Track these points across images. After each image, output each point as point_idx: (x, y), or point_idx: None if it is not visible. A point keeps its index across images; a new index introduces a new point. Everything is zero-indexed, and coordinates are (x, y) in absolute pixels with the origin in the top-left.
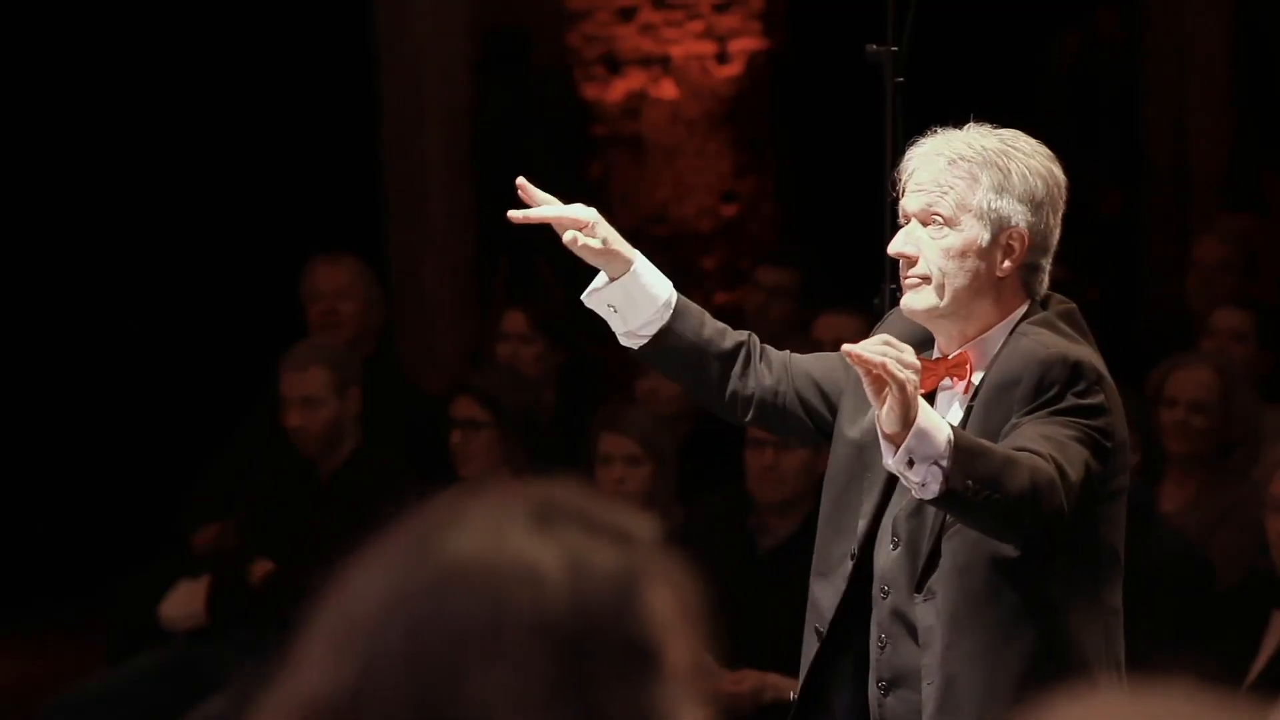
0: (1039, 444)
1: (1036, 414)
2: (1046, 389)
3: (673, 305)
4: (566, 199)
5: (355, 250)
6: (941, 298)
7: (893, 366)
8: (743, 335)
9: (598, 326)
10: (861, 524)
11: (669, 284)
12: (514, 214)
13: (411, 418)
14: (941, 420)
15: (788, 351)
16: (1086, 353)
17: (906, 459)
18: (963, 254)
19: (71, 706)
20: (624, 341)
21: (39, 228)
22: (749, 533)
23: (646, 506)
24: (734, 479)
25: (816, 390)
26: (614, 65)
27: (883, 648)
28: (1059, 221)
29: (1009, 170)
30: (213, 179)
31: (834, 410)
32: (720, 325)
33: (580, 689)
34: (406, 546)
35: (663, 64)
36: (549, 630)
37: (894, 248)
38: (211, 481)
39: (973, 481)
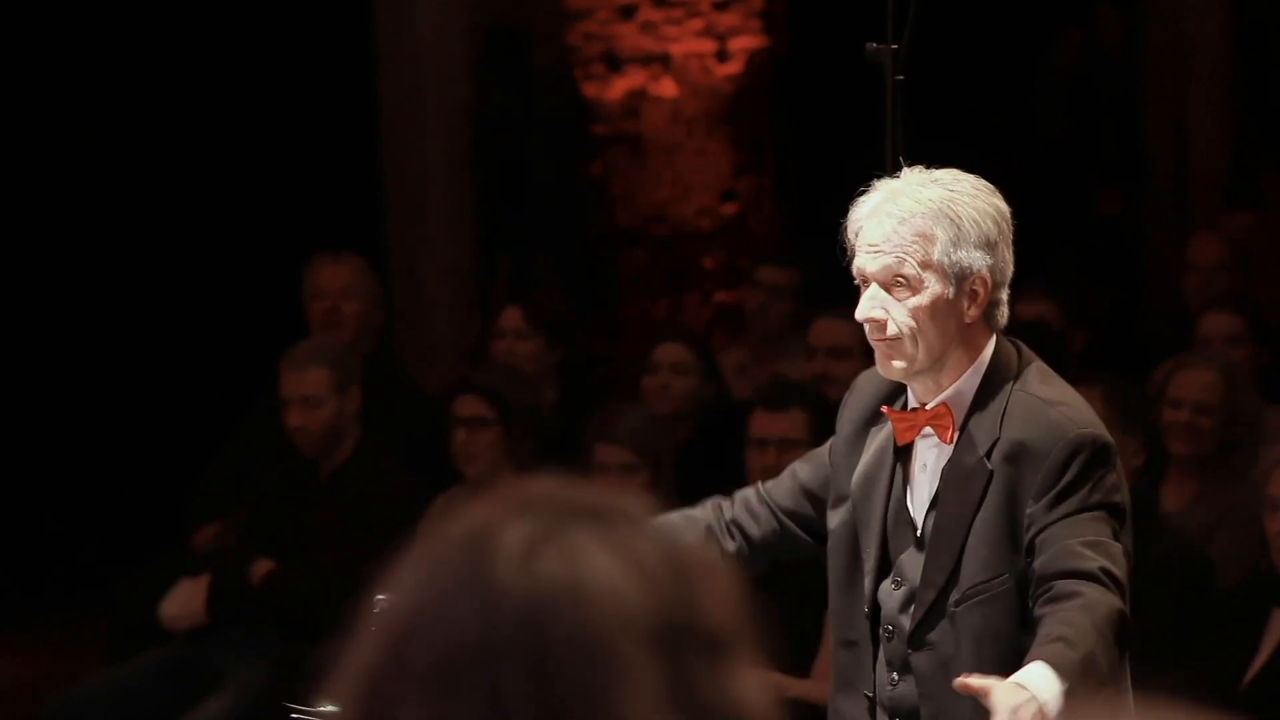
0: (1085, 558)
1: (1066, 503)
2: (1073, 470)
3: None
4: (566, 198)
5: (355, 250)
6: (915, 358)
7: None
8: (706, 513)
9: (597, 324)
10: (868, 580)
11: None
12: None
13: (411, 417)
14: (1048, 679)
15: (752, 490)
16: (1101, 425)
17: None
18: (931, 312)
19: (71, 706)
20: None
21: (40, 227)
22: None
23: None
24: (735, 480)
25: (808, 502)
26: (614, 64)
27: (893, 686)
28: (1011, 253)
29: (959, 218)
30: (213, 178)
31: (817, 506)
32: (686, 517)
33: (686, 685)
34: (466, 577)
35: (663, 62)
36: (647, 635)
37: (861, 314)
38: (211, 481)
39: (1083, 691)
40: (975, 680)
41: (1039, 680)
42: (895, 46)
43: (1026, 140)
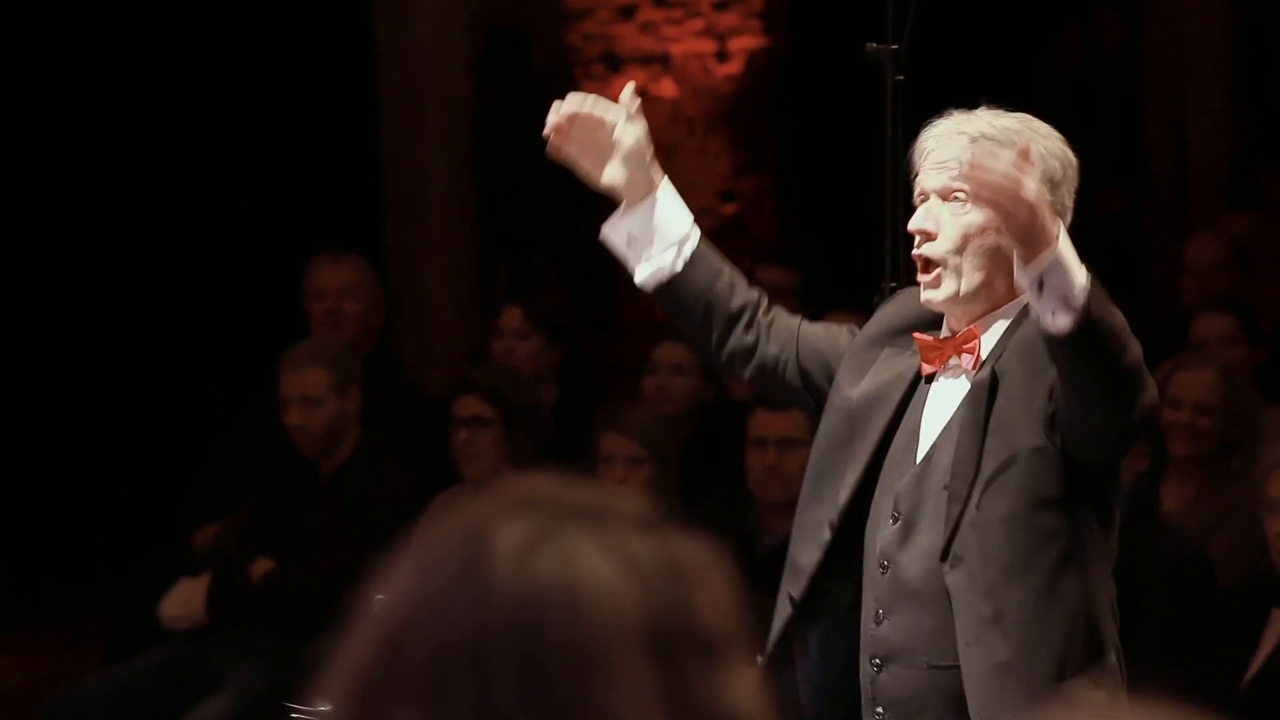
0: None
1: None
2: None
3: (687, 251)
4: (567, 198)
5: (355, 250)
6: (960, 283)
7: (1018, 194)
8: (753, 295)
9: (597, 324)
10: (844, 493)
11: (688, 221)
12: (560, 115)
13: (411, 417)
14: (1079, 262)
15: (799, 319)
16: None
17: (1037, 280)
18: (983, 232)
19: (71, 706)
20: (637, 281)
21: (40, 228)
22: (750, 532)
23: None
24: (735, 478)
25: (821, 362)
26: (614, 64)
27: (879, 623)
28: (1073, 202)
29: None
30: (213, 179)
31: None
32: (734, 280)
33: (679, 687)
34: (459, 577)
35: (663, 62)
36: (640, 637)
37: (914, 223)
38: (211, 481)
39: (1105, 324)
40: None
41: (1071, 247)
42: (895, 47)
43: None
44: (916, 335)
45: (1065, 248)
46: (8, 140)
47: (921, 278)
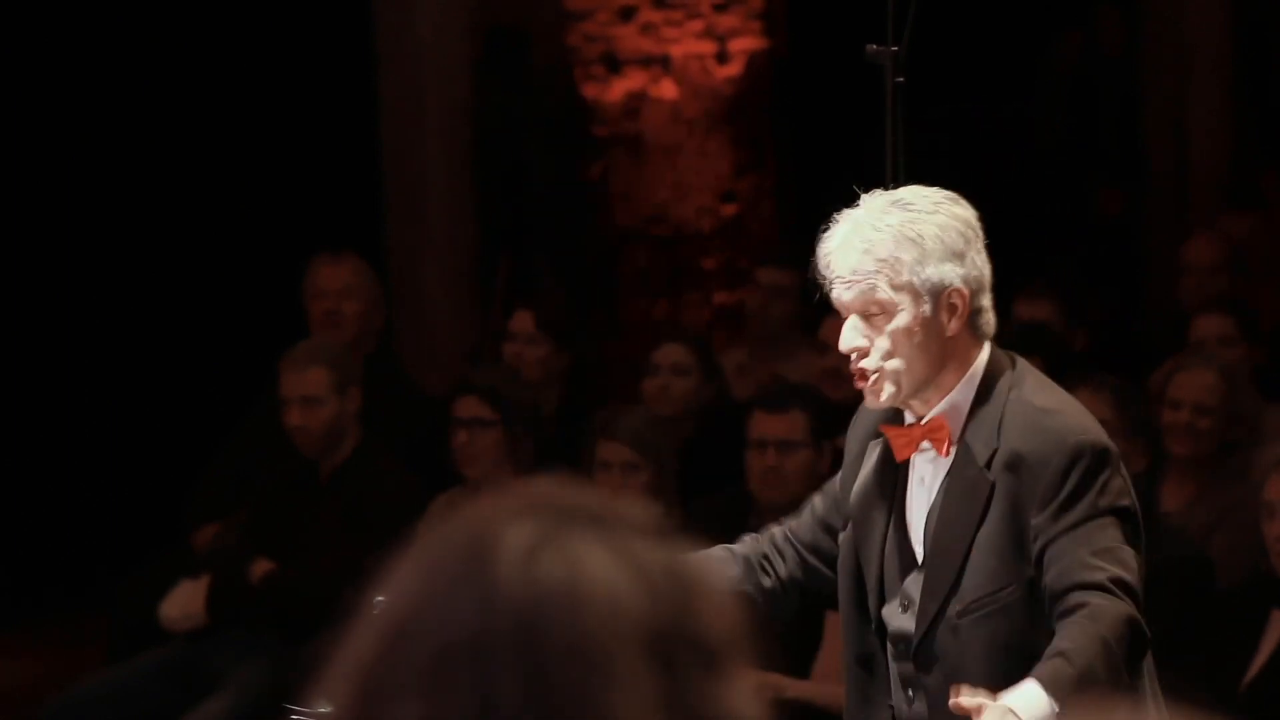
0: (1095, 568)
1: (1072, 511)
2: (1074, 477)
3: None
4: (566, 198)
5: (355, 250)
6: (900, 388)
7: None
8: (741, 555)
9: (597, 324)
10: (872, 600)
11: None
12: None
13: (411, 417)
14: (1039, 699)
15: (784, 527)
16: (1101, 431)
17: None
18: (910, 333)
19: (71, 706)
20: None
21: (40, 228)
22: (750, 533)
23: None
24: (736, 479)
25: (826, 535)
26: (614, 65)
27: (910, 705)
28: (985, 257)
29: (922, 237)
30: (213, 179)
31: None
32: (720, 562)
33: (679, 694)
34: (465, 576)
35: (663, 64)
36: (643, 641)
37: (845, 345)
38: (211, 481)
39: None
40: (966, 699)
41: (1028, 700)
42: (895, 48)
43: (1026, 140)
44: (883, 427)
45: (1023, 709)
46: (8, 140)
47: (860, 385)
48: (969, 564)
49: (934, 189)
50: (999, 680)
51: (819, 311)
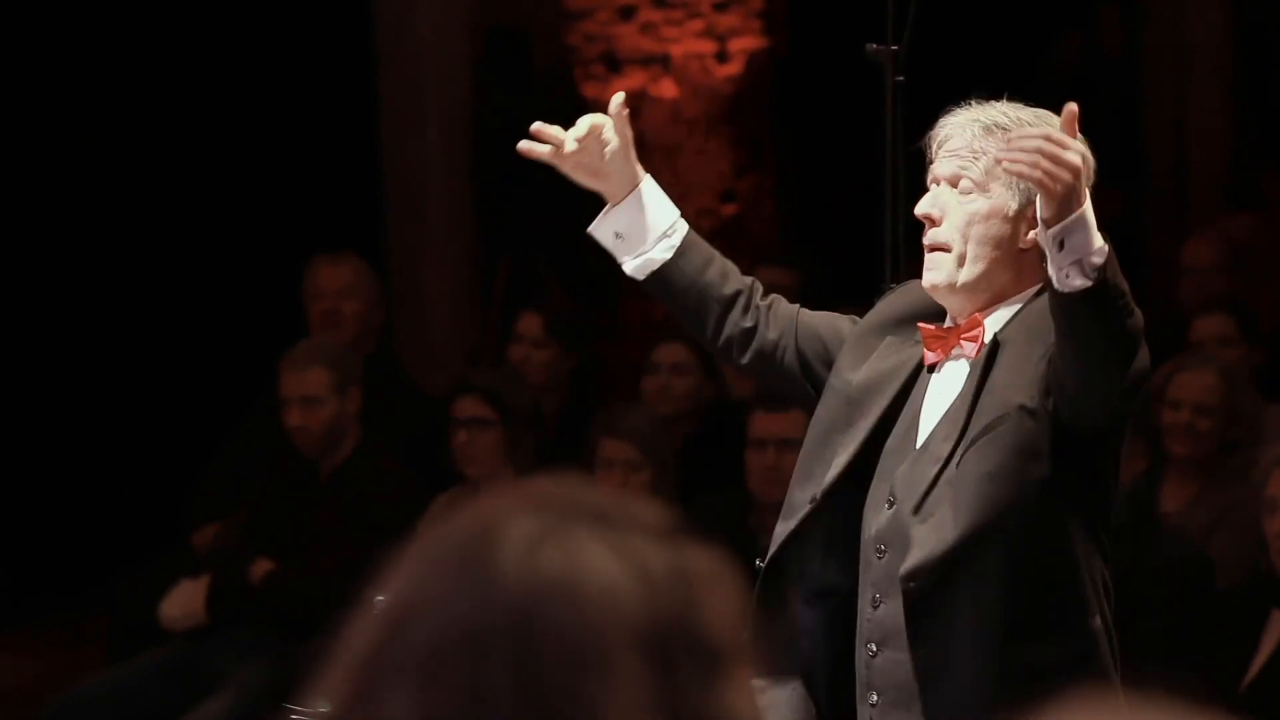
0: None
1: None
2: None
3: (676, 240)
4: (566, 198)
5: (355, 250)
6: (960, 269)
7: (1049, 177)
8: (746, 281)
9: (597, 324)
10: (831, 472)
11: (675, 213)
12: (523, 145)
13: (411, 417)
14: (1097, 227)
15: (798, 306)
16: None
17: (1059, 239)
18: (988, 219)
19: (71, 706)
20: (628, 271)
21: (40, 227)
22: (750, 533)
23: None
24: (735, 479)
25: (820, 348)
26: (614, 64)
27: (875, 608)
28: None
29: None
30: (213, 179)
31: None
32: (726, 268)
33: (675, 693)
34: (467, 570)
35: (663, 63)
36: (640, 640)
37: (920, 208)
38: (211, 481)
39: (1115, 289)
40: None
41: (1093, 217)
42: (895, 47)
43: None
44: (921, 324)
45: (1090, 210)
46: (8, 140)
47: (927, 251)
48: (977, 410)
49: None
50: (986, 509)
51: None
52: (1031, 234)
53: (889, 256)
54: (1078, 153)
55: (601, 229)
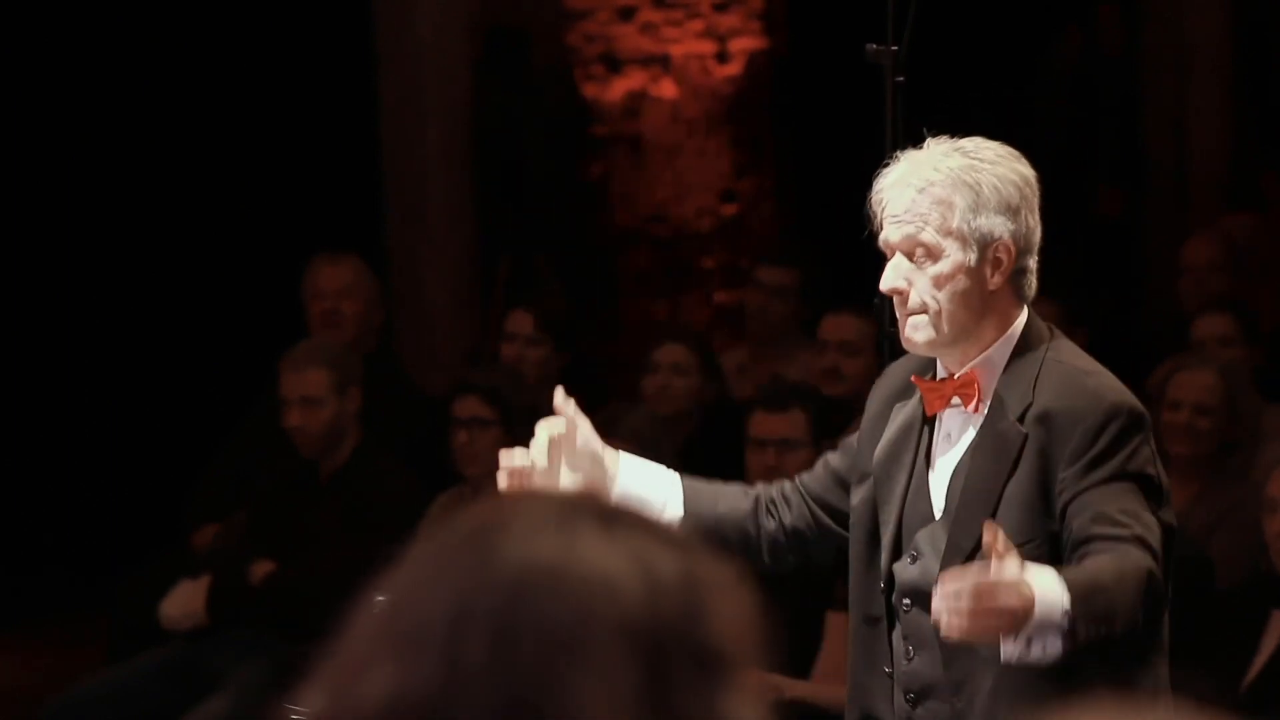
0: (1120, 524)
1: (1100, 469)
2: (1108, 436)
3: (678, 499)
4: (566, 198)
5: (355, 250)
6: (940, 329)
7: (992, 621)
8: (751, 495)
9: (597, 324)
10: (884, 556)
11: (663, 477)
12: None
13: (411, 417)
14: (1052, 584)
15: (796, 478)
16: (1135, 398)
17: (1025, 644)
18: (953, 279)
19: (71, 706)
20: None
21: (40, 227)
22: None
23: None
24: (735, 479)
25: (835, 492)
26: (614, 64)
27: (910, 660)
28: (1038, 219)
29: (979, 185)
30: (213, 179)
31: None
32: (730, 496)
33: (662, 694)
34: (466, 553)
35: (663, 63)
36: (630, 635)
37: (885, 284)
38: (211, 481)
39: (1092, 625)
40: (1000, 541)
41: (1043, 580)
42: (895, 47)
43: (1027, 140)
44: (915, 379)
45: (1041, 600)
46: (8, 140)
47: (901, 318)
48: (998, 516)
49: (999, 143)
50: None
51: (819, 311)
52: (997, 276)
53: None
54: (1013, 592)
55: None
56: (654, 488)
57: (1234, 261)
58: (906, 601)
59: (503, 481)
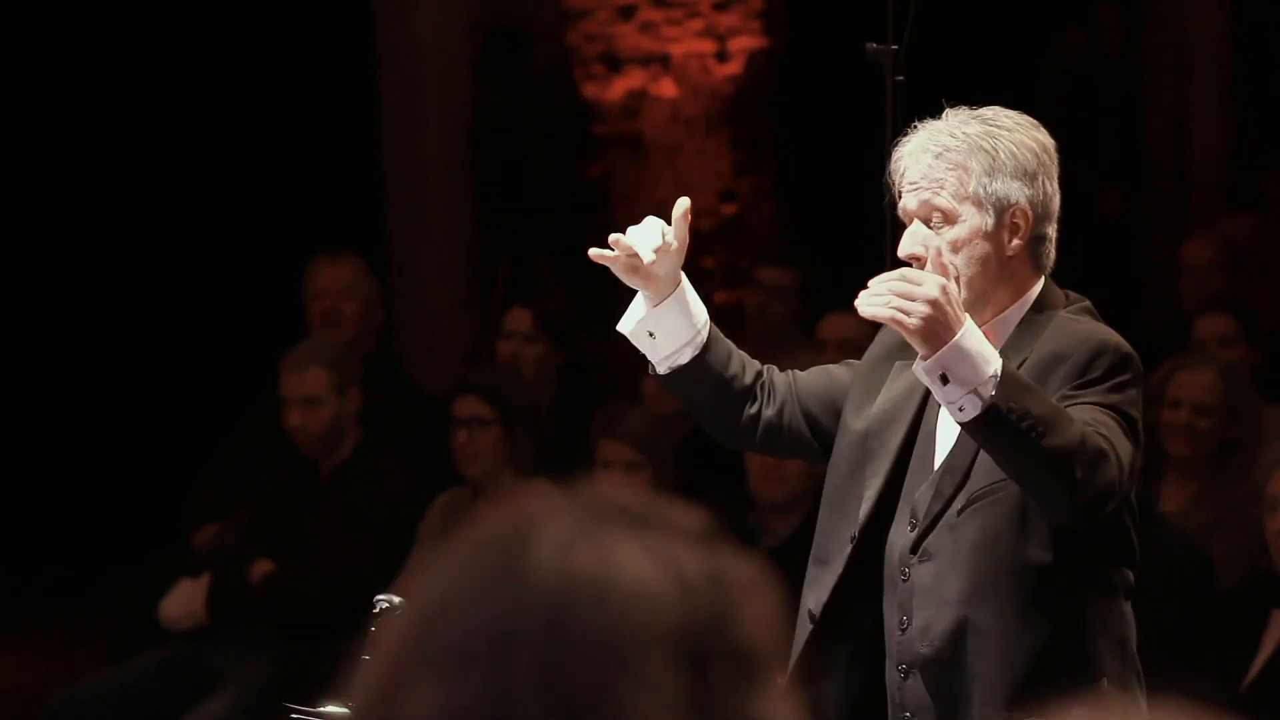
0: (1090, 426)
1: (1082, 393)
2: (1096, 369)
3: (705, 336)
4: (566, 198)
5: (355, 250)
6: (958, 292)
7: (903, 313)
8: (757, 368)
9: (598, 325)
10: (865, 507)
11: (704, 310)
12: (593, 252)
13: (411, 417)
14: (992, 350)
15: (790, 372)
16: (1130, 347)
17: (939, 373)
18: (970, 243)
19: (71, 706)
20: (658, 368)
21: (40, 227)
22: (750, 532)
23: None
24: (735, 478)
25: (825, 403)
26: (614, 64)
27: (904, 630)
28: (1056, 187)
29: (996, 151)
30: (213, 179)
31: (839, 419)
32: (742, 358)
33: (708, 700)
34: (498, 566)
35: (663, 63)
36: (672, 643)
37: (903, 250)
38: (211, 481)
39: (1018, 412)
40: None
41: (983, 339)
42: (895, 47)
43: None
44: None
45: (972, 337)
46: (8, 140)
47: None
48: (978, 459)
49: (1017, 112)
50: (981, 578)
51: (819, 311)
52: (1015, 241)
53: (889, 256)
54: (935, 284)
55: (635, 327)
56: (698, 320)
57: (1234, 261)
58: (905, 570)
59: (597, 252)
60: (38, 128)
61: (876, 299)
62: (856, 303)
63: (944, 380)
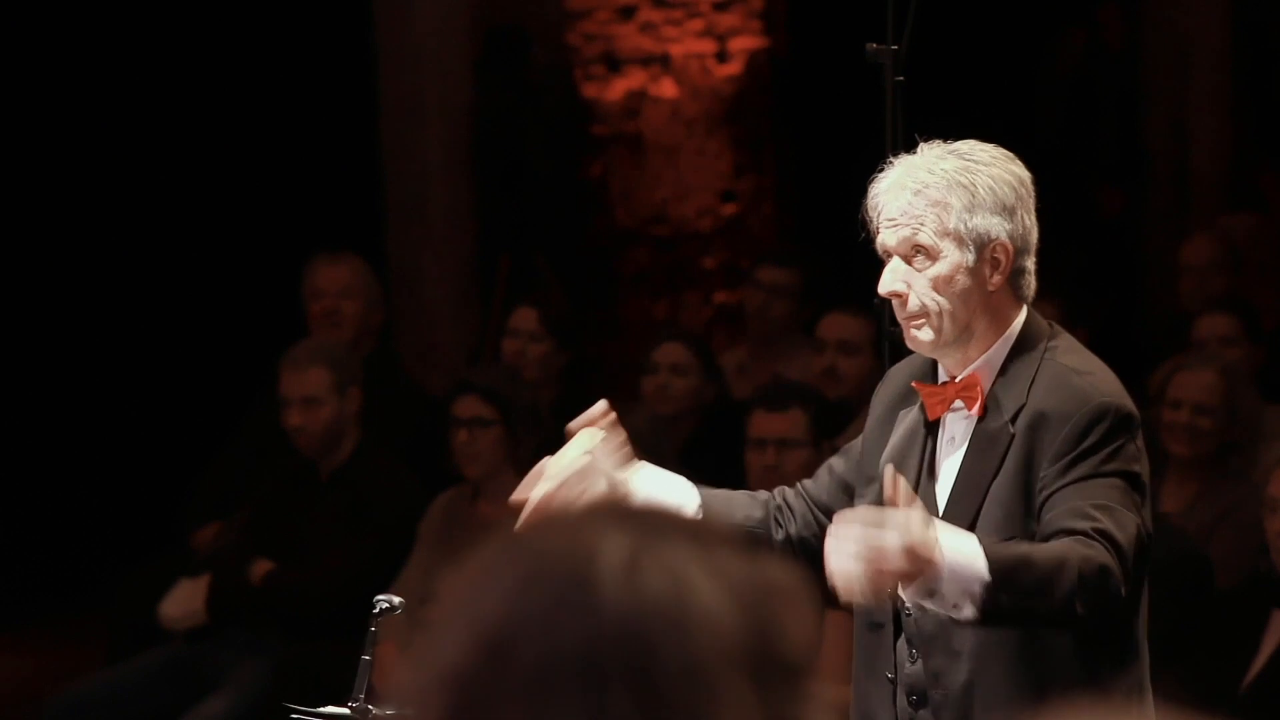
0: (1086, 519)
1: (1083, 462)
2: (1095, 434)
3: (698, 499)
4: (566, 198)
5: (355, 250)
6: (941, 329)
7: (876, 563)
8: (766, 497)
9: (597, 324)
10: None
11: (683, 485)
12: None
13: (411, 417)
14: (973, 550)
15: (799, 484)
16: (1127, 397)
17: (928, 590)
18: (951, 280)
19: (71, 706)
20: None
21: (40, 227)
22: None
23: None
24: (735, 479)
25: (839, 495)
26: (614, 64)
27: (914, 662)
28: (1034, 220)
29: (975, 186)
30: (213, 179)
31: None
32: (747, 498)
33: (775, 709)
34: (566, 588)
35: (662, 63)
36: (740, 659)
37: (884, 288)
38: (211, 481)
39: (1014, 595)
40: (901, 495)
41: (961, 543)
42: (895, 47)
43: (1026, 140)
44: (916, 384)
45: (951, 555)
46: (8, 140)
47: (902, 322)
48: (981, 514)
49: (992, 145)
50: (994, 639)
51: (819, 311)
52: (997, 276)
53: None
54: (898, 528)
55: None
56: (671, 497)
57: (1234, 261)
58: (909, 608)
59: (527, 500)
60: (38, 128)
61: (845, 555)
62: (826, 558)
63: (930, 595)
